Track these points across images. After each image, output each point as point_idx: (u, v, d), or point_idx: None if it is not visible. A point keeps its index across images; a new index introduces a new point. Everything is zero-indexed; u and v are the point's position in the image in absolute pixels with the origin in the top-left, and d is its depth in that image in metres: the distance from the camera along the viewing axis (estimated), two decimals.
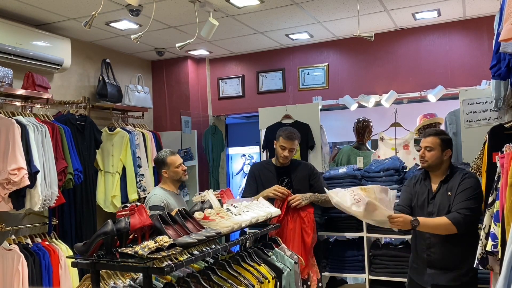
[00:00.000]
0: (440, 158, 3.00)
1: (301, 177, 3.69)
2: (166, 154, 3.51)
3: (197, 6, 4.00)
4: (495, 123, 3.47)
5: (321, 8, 4.37)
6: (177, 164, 3.50)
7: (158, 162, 3.55)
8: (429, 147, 3.00)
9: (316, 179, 3.71)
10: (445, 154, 3.01)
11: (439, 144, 2.98)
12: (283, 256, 2.87)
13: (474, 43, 4.94)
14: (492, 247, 2.26)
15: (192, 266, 2.42)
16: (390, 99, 4.97)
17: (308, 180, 3.69)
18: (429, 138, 3.02)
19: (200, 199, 2.85)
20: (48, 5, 4.01)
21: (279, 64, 5.88)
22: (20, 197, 3.60)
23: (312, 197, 3.57)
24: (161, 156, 3.52)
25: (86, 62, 5.18)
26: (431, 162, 3.01)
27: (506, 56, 2.48)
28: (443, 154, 3.00)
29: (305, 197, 3.54)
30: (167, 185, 3.53)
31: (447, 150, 3.01)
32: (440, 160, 3.00)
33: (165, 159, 3.48)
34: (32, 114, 3.99)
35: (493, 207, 2.38)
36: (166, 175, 3.51)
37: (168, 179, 3.52)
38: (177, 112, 5.97)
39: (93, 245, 2.02)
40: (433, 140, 2.99)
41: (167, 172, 3.49)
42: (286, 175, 3.70)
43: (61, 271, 3.80)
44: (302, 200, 3.50)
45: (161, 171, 3.53)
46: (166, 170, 3.49)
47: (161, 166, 3.51)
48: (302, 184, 3.66)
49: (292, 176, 3.68)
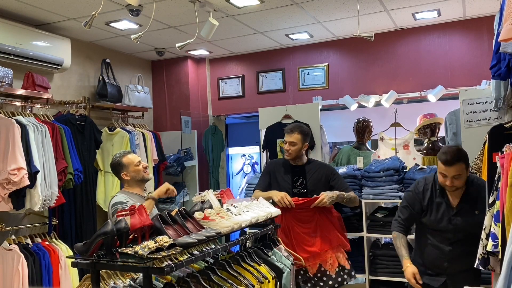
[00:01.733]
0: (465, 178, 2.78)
1: (317, 178, 3.58)
2: (120, 154, 3.18)
3: (197, 6, 4.00)
4: (495, 123, 3.46)
5: (321, 8, 4.37)
6: (135, 162, 3.16)
7: (114, 166, 3.17)
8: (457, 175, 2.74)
9: (336, 180, 3.59)
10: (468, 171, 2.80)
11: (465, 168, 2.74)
12: (281, 256, 2.87)
13: (474, 43, 4.94)
14: (493, 247, 2.26)
15: (192, 266, 2.42)
16: (390, 99, 4.97)
17: (328, 182, 3.58)
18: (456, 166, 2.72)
19: (200, 199, 2.84)
20: (48, 5, 4.01)
21: (279, 64, 5.88)
22: (20, 197, 3.60)
23: (338, 197, 3.45)
24: (115, 159, 3.17)
25: (86, 62, 5.18)
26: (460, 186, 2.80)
27: (506, 56, 2.47)
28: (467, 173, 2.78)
29: (331, 197, 3.41)
30: (131, 187, 3.16)
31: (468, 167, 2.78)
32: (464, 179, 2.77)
33: (120, 161, 3.14)
34: (32, 114, 3.99)
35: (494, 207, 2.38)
36: (127, 177, 3.14)
37: (130, 181, 3.15)
38: (177, 112, 5.97)
39: (93, 245, 2.01)
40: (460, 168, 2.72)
41: (127, 173, 3.13)
42: (301, 175, 3.61)
43: (61, 271, 3.80)
44: (327, 199, 3.39)
45: (120, 175, 3.15)
46: (126, 172, 3.13)
47: (118, 169, 3.14)
48: (318, 185, 3.55)
49: (307, 176, 3.59)
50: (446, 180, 2.76)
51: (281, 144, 4.83)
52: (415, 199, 2.94)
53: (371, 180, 3.93)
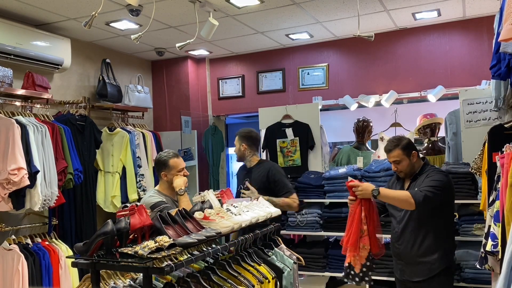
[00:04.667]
0: (411, 164, 3.16)
1: (258, 180, 3.66)
2: (168, 155, 3.13)
3: (197, 6, 4.00)
4: (495, 123, 3.46)
5: (321, 8, 4.37)
6: (179, 168, 3.12)
7: (159, 163, 3.15)
8: (397, 160, 3.16)
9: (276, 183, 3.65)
10: (412, 156, 3.16)
11: (402, 154, 3.14)
12: (283, 255, 2.87)
13: (474, 43, 4.94)
14: (492, 247, 2.26)
15: (192, 266, 2.42)
16: (390, 99, 4.97)
17: (269, 183, 3.65)
18: (392, 153, 3.17)
19: (200, 199, 2.84)
20: (48, 5, 4.01)
21: (279, 64, 5.88)
22: (20, 197, 3.60)
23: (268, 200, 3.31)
24: (163, 157, 3.14)
25: (86, 62, 5.18)
26: (406, 171, 3.18)
27: (506, 56, 2.48)
28: (411, 158, 3.16)
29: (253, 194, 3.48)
30: (165, 189, 3.16)
31: (413, 153, 3.17)
32: (412, 165, 3.17)
33: (167, 161, 3.10)
34: (32, 114, 3.99)
35: (493, 207, 2.38)
36: (165, 178, 3.12)
37: (166, 182, 3.14)
38: (177, 112, 5.97)
39: (93, 245, 2.01)
40: (397, 153, 3.15)
41: (166, 175, 3.11)
42: (248, 176, 3.74)
43: (61, 271, 3.80)
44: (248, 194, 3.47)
45: (160, 173, 3.14)
46: (166, 173, 3.11)
47: (161, 167, 3.13)
48: (260, 186, 3.61)
49: (252, 177, 3.71)
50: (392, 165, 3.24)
51: (281, 144, 4.83)
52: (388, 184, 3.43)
53: (371, 180, 3.93)
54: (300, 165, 4.76)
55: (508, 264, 1.66)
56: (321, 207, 4.25)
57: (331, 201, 4.22)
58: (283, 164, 4.80)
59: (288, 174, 4.69)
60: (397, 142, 3.19)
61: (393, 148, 3.16)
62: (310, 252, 4.11)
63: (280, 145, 4.85)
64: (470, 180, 3.64)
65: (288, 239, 4.50)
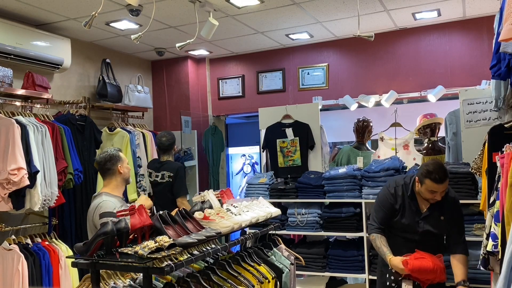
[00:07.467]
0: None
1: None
2: (115, 149, 3.12)
3: (197, 6, 4.00)
4: (495, 123, 3.46)
5: (321, 8, 4.37)
6: (127, 161, 3.14)
7: (111, 158, 3.05)
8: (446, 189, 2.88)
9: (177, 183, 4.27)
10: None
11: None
12: (281, 256, 2.87)
13: (474, 43, 4.94)
14: (493, 247, 2.26)
15: (192, 266, 2.42)
16: (390, 99, 4.97)
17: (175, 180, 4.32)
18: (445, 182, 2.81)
19: (200, 199, 2.84)
20: (48, 5, 4.01)
21: (279, 64, 5.88)
22: (20, 197, 3.60)
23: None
24: (111, 151, 3.08)
25: (86, 62, 5.18)
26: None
27: (506, 56, 2.48)
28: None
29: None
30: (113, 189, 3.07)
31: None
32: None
33: (118, 154, 3.07)
34: (32, 114, 3.99)
35: (494, 207, 2.38)
36: (121, 170, 3.07)
37: (120, 178, 3.08)
38: (177, 112, 5.97)
39: (93, 245, 2.01)
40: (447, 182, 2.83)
41: (122, 167, 3.07)
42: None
43: (61, 271, 3.80)
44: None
45: (117, 167, 3.05)
46: (122, 165, 3.07)
47: (115, 161, 3.05)
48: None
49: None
50: (435, 195, 2.85)
51: (281, 144, 4.83)
52: (387, 202, 3.02)
53: (371, 180, 3.93)
54: (300, 165, 4.76)
55: (508, 264, 1.66)
56: (321, 207, 4.24)
57: (331, 201, 4.22)
58: (283, 164, 4.80)
59: (288, 174, 4.72)
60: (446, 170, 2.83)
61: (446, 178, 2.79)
62: (310, 252, 4.11)
63: (280, 145, 4.84)
64: (470, 180, 3.64)
65: (288, 239, 4.50)
